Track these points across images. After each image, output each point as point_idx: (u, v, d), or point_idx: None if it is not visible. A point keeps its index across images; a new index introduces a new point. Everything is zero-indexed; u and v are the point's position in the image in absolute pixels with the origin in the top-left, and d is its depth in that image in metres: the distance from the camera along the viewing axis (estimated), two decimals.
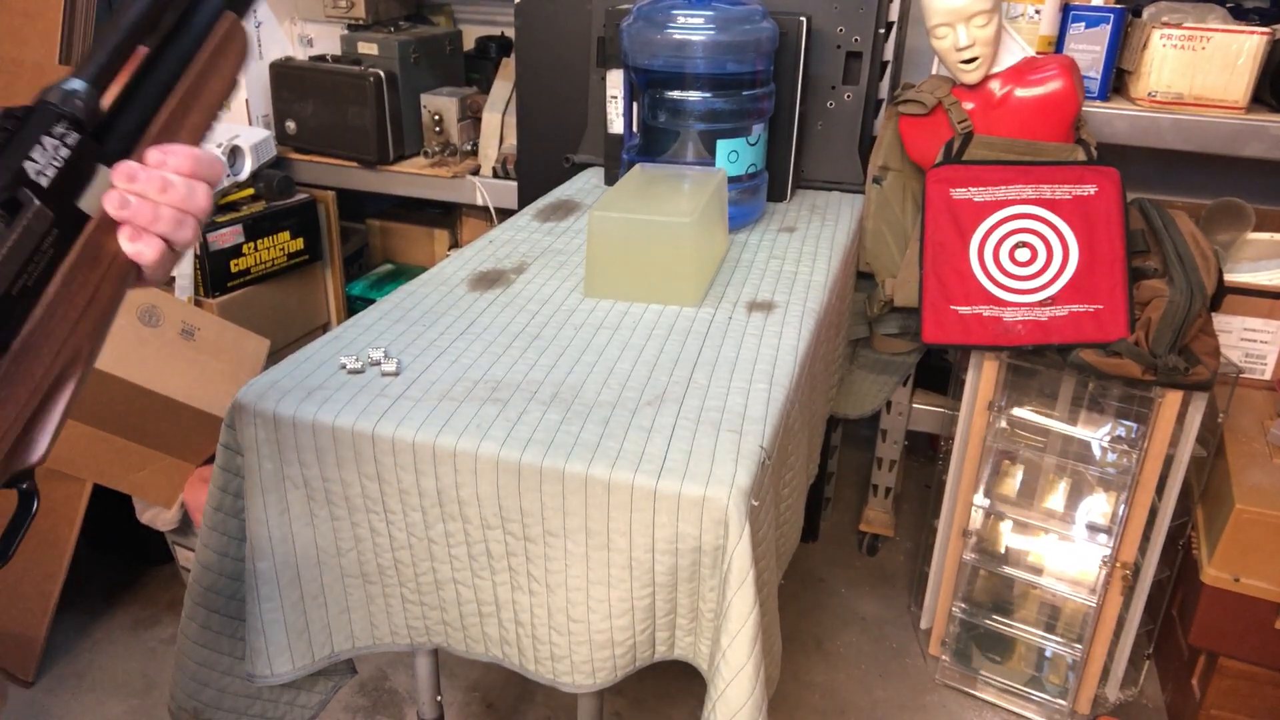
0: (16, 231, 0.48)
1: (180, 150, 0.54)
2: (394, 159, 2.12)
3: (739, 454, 0.88)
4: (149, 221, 0.53)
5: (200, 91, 0.56)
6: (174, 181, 0.53)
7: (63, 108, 0.50)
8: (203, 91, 0.56)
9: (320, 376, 1.01)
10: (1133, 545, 1.49)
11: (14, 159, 0.48)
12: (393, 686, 1.68)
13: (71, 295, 0.51)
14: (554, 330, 1.14)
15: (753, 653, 0.85)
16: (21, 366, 0.50)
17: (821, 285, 1.29)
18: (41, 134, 0.49)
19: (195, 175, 0.54)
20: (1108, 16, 1.57)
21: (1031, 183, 1.43)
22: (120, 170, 0.52)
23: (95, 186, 0.52)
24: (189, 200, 0.54)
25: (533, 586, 0.94)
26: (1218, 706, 1.51)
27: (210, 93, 0.56)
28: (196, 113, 0.56)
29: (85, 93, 0.51)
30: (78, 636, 1.77)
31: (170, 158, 0.54)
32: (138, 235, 0.53)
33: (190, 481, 1.64)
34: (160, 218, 0.53)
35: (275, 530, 0.99)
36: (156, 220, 0.53)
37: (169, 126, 0.55)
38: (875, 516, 2.01)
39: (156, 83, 0.54)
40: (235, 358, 1.68)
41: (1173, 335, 1.33)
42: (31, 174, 0.48)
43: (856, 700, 1.66)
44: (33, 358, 0.50)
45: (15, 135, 0.48)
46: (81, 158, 0.51)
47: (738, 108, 1.46)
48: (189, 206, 0.54)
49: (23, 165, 0.48)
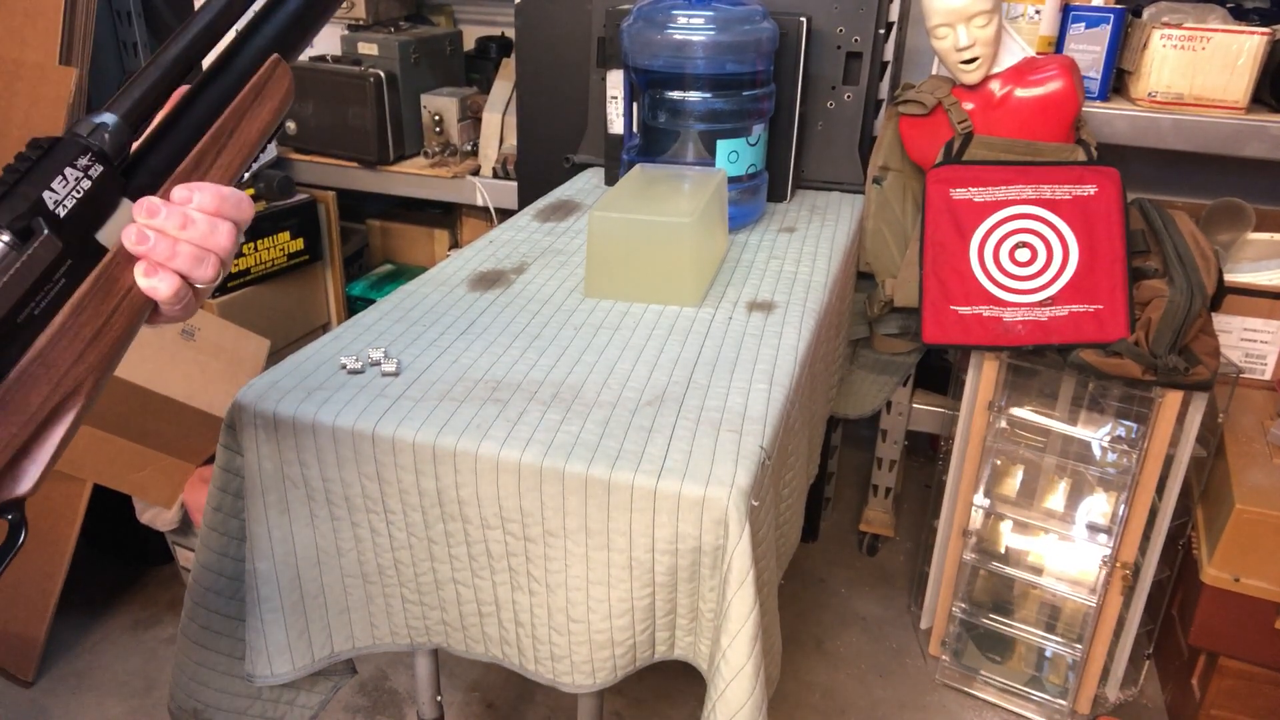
0: (23, 259, 0.48)
1: (208, 188, 0.54)
2: (394, 159, 2.12)
3: (739, 454, 0.88)
4: (166, 257, 0.53)
5: (237, 131, 0.56)
6: (196, 219, 0.53)
7: (89, 140, 0.50)
8: (239, 131, 0.56)
9: (320, 376, 1.01)
10: (1133, 545, 1.49)
11: (34, 188, 0.48)
12: (393, 686, 1.68)
13: (79, 326, 0.51)
14: (554, 330, 1.14)
15: (753, 653, 0.85)
16: (17, 395, 0.50)
17: (821, 285, 1.29)
18: (65, 165, 0.49)
19: (220, 214, 0.54)
20: (1108, 17, 1.57)
21: (1031, 183, 1.43)
22: (142, 205, 0.52)
23: (116, 220, 0.52)
24: (210, 238, 0.54)
25: (533, 586, 0.94)
26: (1218, 706, 1.51)
27: (247, 132, 0.56)
28: (230, 152, 0.56)
29: (114, 126, 0.51)
30: (78, 636, 1.77)
31: (197, 194, 0.54)
32: (154, 270, 0.53)
33: (190, 481, 1.64)
34: (179, 254, 0.53)
35: (275, 530, 0.99)
36: (174, 256, 0.53)
37: (199, 164, 0.55)
38: (875, 516, 2.01)
39: (192, 121, 0.55)
40: (235, 358, 1.68)
41: (1173, 335, 1.33)
42: (50, 203, 0.49)
43: (856, 700, 1.66)
44: (30, 387, 0.50)
45: (38, 164, 0.49)
46: (103, 191, 0.51)
47: (738, 108, 1.46)
48: (210, 244, 0.54)
49: (41, 195, 0.48)
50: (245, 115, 0.56)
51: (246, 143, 0.56)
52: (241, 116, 0.56)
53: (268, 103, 0.57)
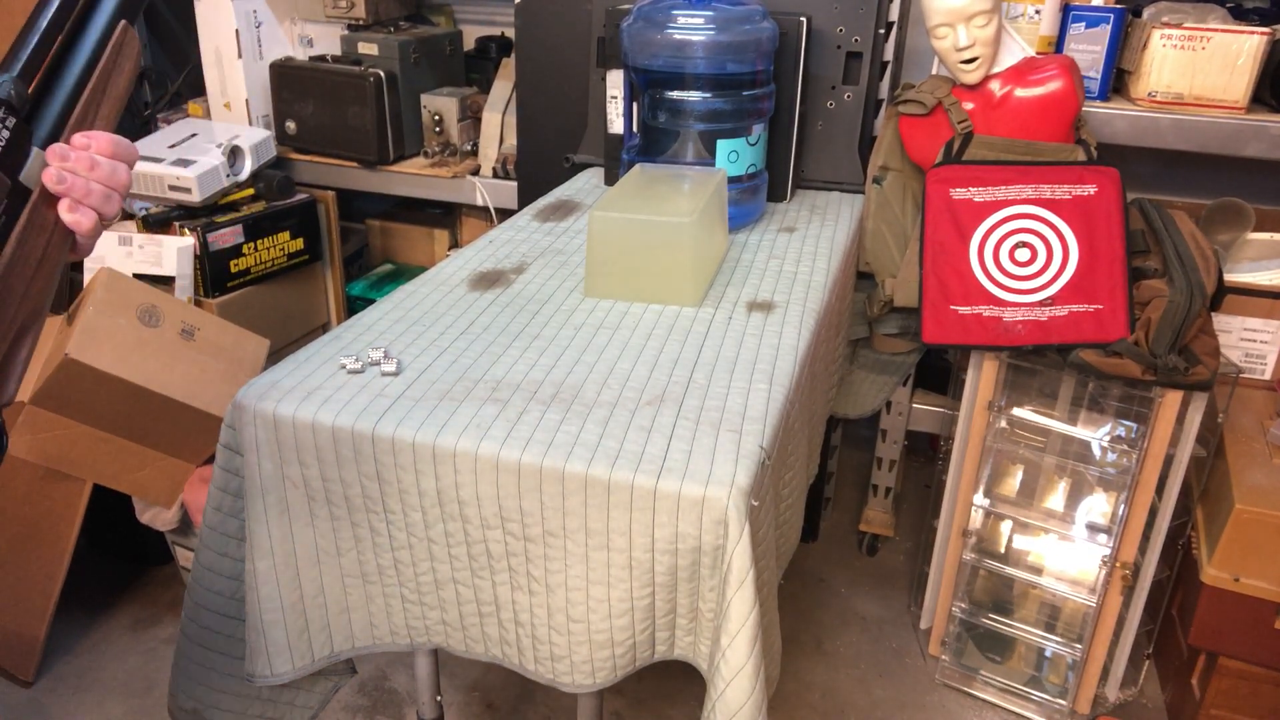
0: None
1: (102, 135, 0.62)
2: (394, 159, 2.12)
3: (739, 454, 0.88)
4: (83, 195, 0.61)
5: (107, 86, 0.64)
6: (100, 161, 0.61)
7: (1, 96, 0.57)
8: (110, 86, 0.64)
9: (320, 376, 1.01)
10: (1133, 545, 1.49)
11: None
12: (393, 686, 1.68)
13: (26, 255, 0.59)
14: (554, 330, 1.14)
15: (752, 653, 0.85)
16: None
17: (821, 285, 1.29)
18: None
19: (116, 156, 0.62)
20: (1108, 16, 1.57)
21: (1031, 183, 1.43)
22: (54, 151, 0.60)
23: (33, 165, 0.59)
24: (113, 177, 0.62)
25: (532, 586, 0.94)
26: (1218, 706, 1.51)
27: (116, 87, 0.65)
28: (107, 104, 0.64)
29: (15, 83, 0.58)
30: (78, 636, 1.77)
31: (94, 141, 0.62)
32: (74, 207, 0.61)
33: (190, 481, 1.64)
34: (91, 191, 0.61)
35: (275, 530, 0.99)
36: (89, 194, 0.61)
37: (85, 115, 0.63)
38: (875, 516, 2.01)
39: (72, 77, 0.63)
40: (235, 358, 1.68)
41: (1173, 335, 1.33)
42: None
43: (856, 700, 1.66)
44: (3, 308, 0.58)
45: None
46: (19, 139, 0.58)
47: (738, 108, 1.46)
48: (113, 183, 0.62)
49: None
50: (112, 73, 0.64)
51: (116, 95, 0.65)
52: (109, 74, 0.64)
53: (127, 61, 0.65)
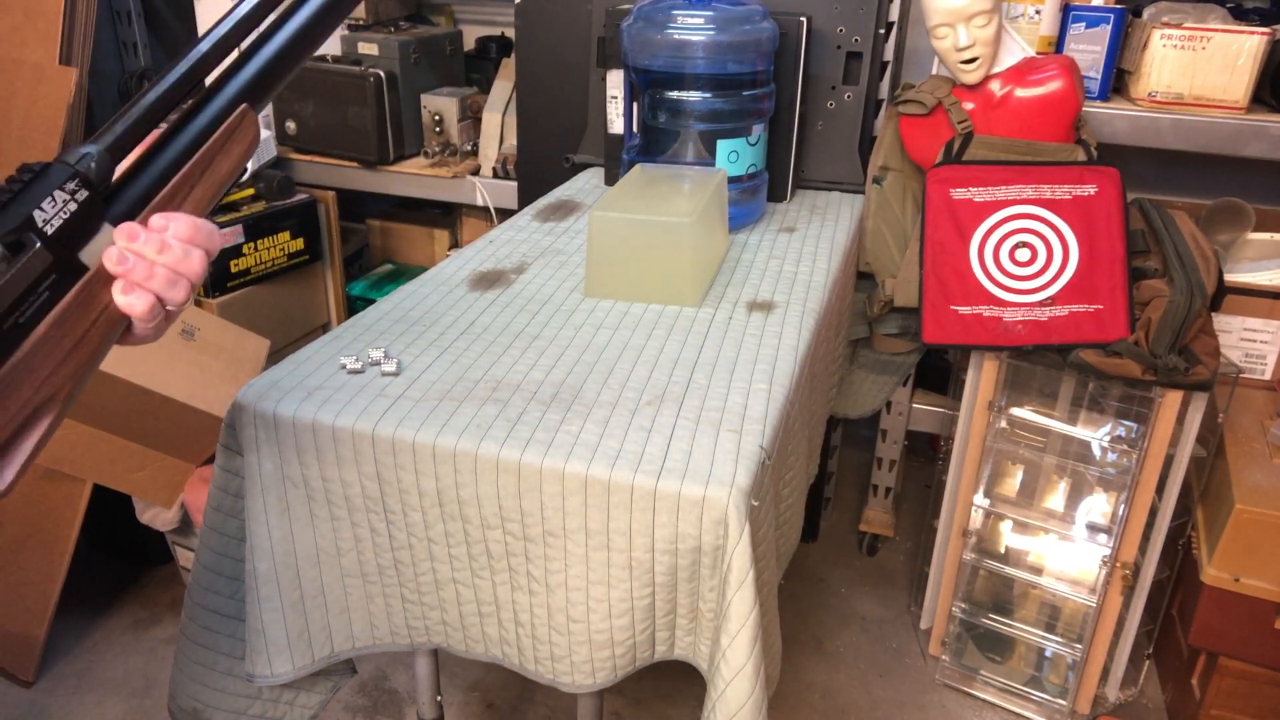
0: (14, 270, 0.53)
1: (182, 218, 0.59)
2: (394, 159, 2.12)
3: (739, 454, 0.88)
4: (143, 278, 0.58)
5: (208, 169, 0.62)
6: (172, 245, 0.58)
7: (76, 166, 0.55)
8: (211, 170, 0.62)
9: (320, 376, 1.01)
10: (1133, 545, 1.49)
11: (25, 207, 0.53)
12: (393, 686, 1.68)
13: (60, 337, 0.56)
14: (554, 330, 1.14)
15: (753, 653, 0.85)
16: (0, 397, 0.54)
17: (821, 285, 1.29)
18: (54, 188, 0.54)
19: (193, 242, 0.60)
20: (1108, 17, 1.57)
21: (1031, 183, 1.43)
22: (123, 229, 0.57)
23: (98, 242, 0.57)
24: (183, 263, 0.59)
25: (533, 586, 0.94)
26: (1218, 706, 1.51)
27: (218, 171, 0.62)
28: (202, 188, 0.62)
29: (99, 156, 0.56)
30: (78, 636, 1.77)
31: (173, 223, 0.59)
32: (131, 289, 0.58)
33: (190, 481, 1.64)
34: (155, 275, 0.58)
35: (275, 530, 0.99)
36: (151, 277, 0.58)
37: (174, 196, 0.60)
38: (875, 516, 2.01)
39: (169, 157, 0.61)
40: (235, 358, 1.68)
41: (1173, 335, 1.33)
42: (39, 221, 0.54)
43: (856, 700, 1.66)
44: (11, 390, 0.54)
45: (29, 186, 0.54)
46: (87, 213, 0.56)
47: (738, 108, 1.46)
48: (183, 269, 0.59)
49: (32, 213, 0.53)
50: (217, 155, 0.62)
51: (217, 180, 0.62)
52: (214, 156, 0.62)
53: (237, 146, 0.63)
